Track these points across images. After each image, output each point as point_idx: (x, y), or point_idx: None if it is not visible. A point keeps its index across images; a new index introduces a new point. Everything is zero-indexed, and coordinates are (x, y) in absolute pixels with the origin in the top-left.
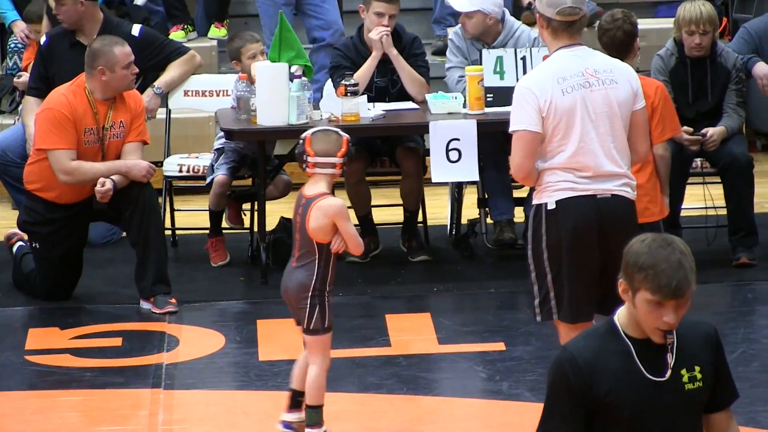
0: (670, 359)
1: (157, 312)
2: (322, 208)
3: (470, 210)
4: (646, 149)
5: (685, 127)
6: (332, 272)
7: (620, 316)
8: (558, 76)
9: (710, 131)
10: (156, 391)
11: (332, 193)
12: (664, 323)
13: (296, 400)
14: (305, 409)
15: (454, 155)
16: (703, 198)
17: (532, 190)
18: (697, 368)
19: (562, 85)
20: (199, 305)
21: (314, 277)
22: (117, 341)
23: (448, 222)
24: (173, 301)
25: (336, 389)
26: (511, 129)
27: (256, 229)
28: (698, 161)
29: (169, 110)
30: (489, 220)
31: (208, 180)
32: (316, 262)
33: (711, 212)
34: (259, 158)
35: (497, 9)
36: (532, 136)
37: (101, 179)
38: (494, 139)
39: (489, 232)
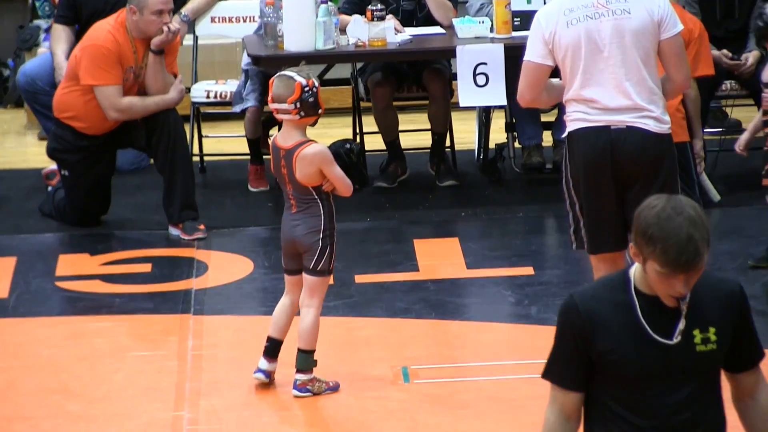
0: (682, 324)
1: (186, 238)
2: (306, 157)
3: (498, 134)
4: (682, 77)
5: (724, 51)
6: (333, 206)
7: (636, 269)
8: (566, 8)
9: (749, 57)
10: (185, 316)
11: (306, 137)
12: (676, 292)
13: (274, 349)
14: (297, 353)
15: (481, 80)
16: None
17: (560, 114)
18: (712, 329)
19: (568, 17)
20: (227, 231)
21: (323, 217)
22: (146, 267)
23: (476, 147)
24: (202, 227)
25: (364, 314)
26: (523, 58)
27: None
28: (728, 84)
29: (196, 37)
30: (517, 145)
31: (237, 108)
32: (319, 202)
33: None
34: None
35: None
36: (536, 66)
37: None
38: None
39: (517, 157)
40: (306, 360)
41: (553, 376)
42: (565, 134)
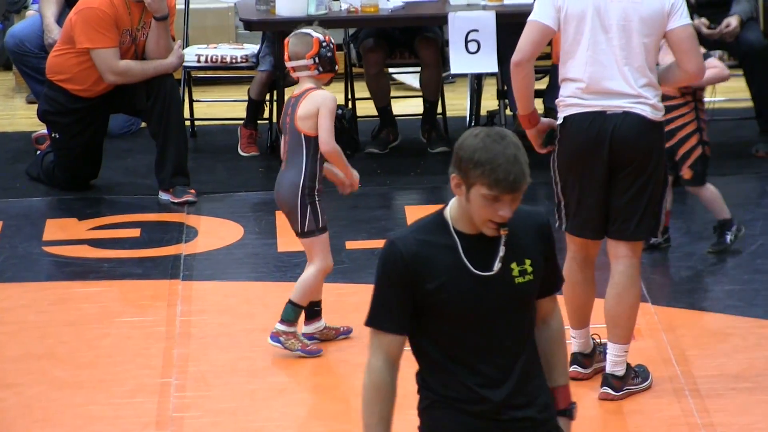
0: (502, 252)
1: (176, 201)
2: (312, 97)
3: (489, 102)
4: (694, 67)
5: (703, 19)
6: (320, 170)
7: (451, 209)
8: None
9: (730, 21)
10: (174, 282)
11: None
12: (499, 216)
13: (313, 311)
14: (287, 303)
15: (473, 46)
16: (725, 90)
17: (551, 81)
18: (528, 261)
19: None
20: (217, 196)
21: (303, 174)
22: (135, 232)
23: (467, 113)
24: (192, 191)
25: (355, 280)
26: (529, 19)
27: (275, 119)
28: (716, 53)
29: (188, 1)
30: (508, 112)
31: (259, 69)
32: (304, 157)
33: (732, 105)
34: (278, 49)
35: None
36: (541, 26)
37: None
38: (513, 31)
39: (508, 124)
40: (290, 312)
41: (380, 322)
42: (560, 120)
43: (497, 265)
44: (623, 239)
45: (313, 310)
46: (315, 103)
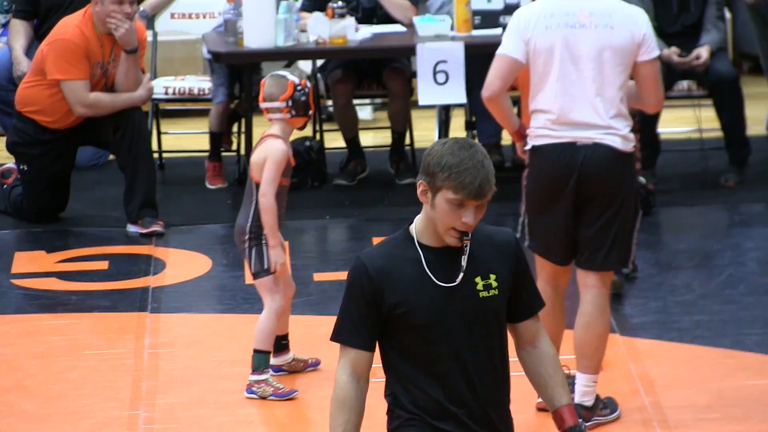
0: (464, 262)
1: (144, 231)
2: (265, 145)
3: (458, 133)
4: (654, 101)
5: (674, 48)
6: None
7: (417, 224)
8: (547, 12)
9: (700, 52)
10: (142, 314)
11: (286, 139)
12: (463, 224)
13: (280, 344)
14: (253, 353)
15: (441, 78)
16: (694, 121)
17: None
18: (493, 276)
19: (547, 21)
20: (185, 228)
21: (250, 219)
22: (104, 264)
23: None
24: (160, 223)
25: (323, 312)
26: (497, 52)
27: (243, 151)
28: (684, 84)
29: (156, 33)
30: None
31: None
32: (252, 203)
33: (701, 135)
34: (246, 81)
35: None
36: (510, 60)
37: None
38: (482, 62)
39: None
40: (256, 360)
41: (345, 337)
42: (528, 146)
43: (460, 276)
44: (592, 269)
45: (280, 344)
46: (265, 152)
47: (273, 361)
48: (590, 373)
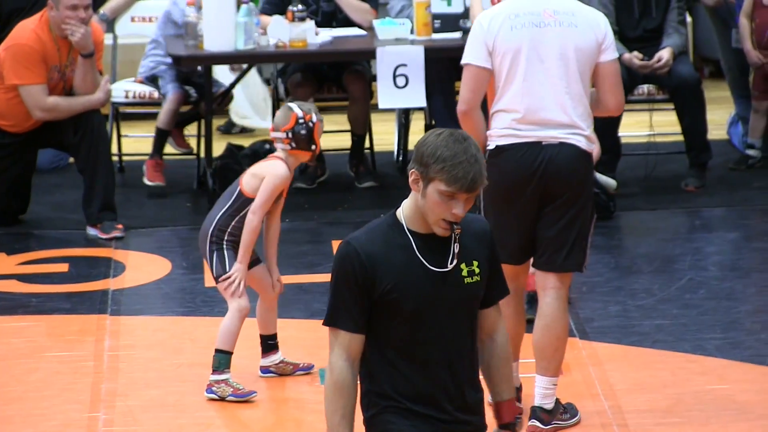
0: (456, 248)
1: (104, 237)
2: (271, 163)
3: (417, 136)
4: (615, 103)
5: (635, 52)
6: (233, 226)
7: (404, 209)
8: (512, 12)
9: (662, 55)
10: (102, 316)
11: (290, 166)
12: (452, 215)
13: (267, 344)
14: (214, 352)
15: (401, 81)
16: (650, 125)
17: None
18: (475, 263)
19: (512, 21)
20: (145, 231)
21: (214, 224)
22: (63, 267)
23: (395, 148)
24: (120, 226)
25: (282, 315)
26: (461, 62)
27: (203, 155)
28: (645, 88)
29: (116, 36)
30: None
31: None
32: (225, 207)
33: (662, 139)
34: (206, 84)
35: None
36: (477, 70)
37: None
38: (441, 66)
39: None
40: (217, 359)
41: (338, 321)
42: (492, 146)
43: (453, 262)
44: (552, 271)
45: (268, 344)
46: (268, 168)
47: (262, 362)
48: (550, 376)
